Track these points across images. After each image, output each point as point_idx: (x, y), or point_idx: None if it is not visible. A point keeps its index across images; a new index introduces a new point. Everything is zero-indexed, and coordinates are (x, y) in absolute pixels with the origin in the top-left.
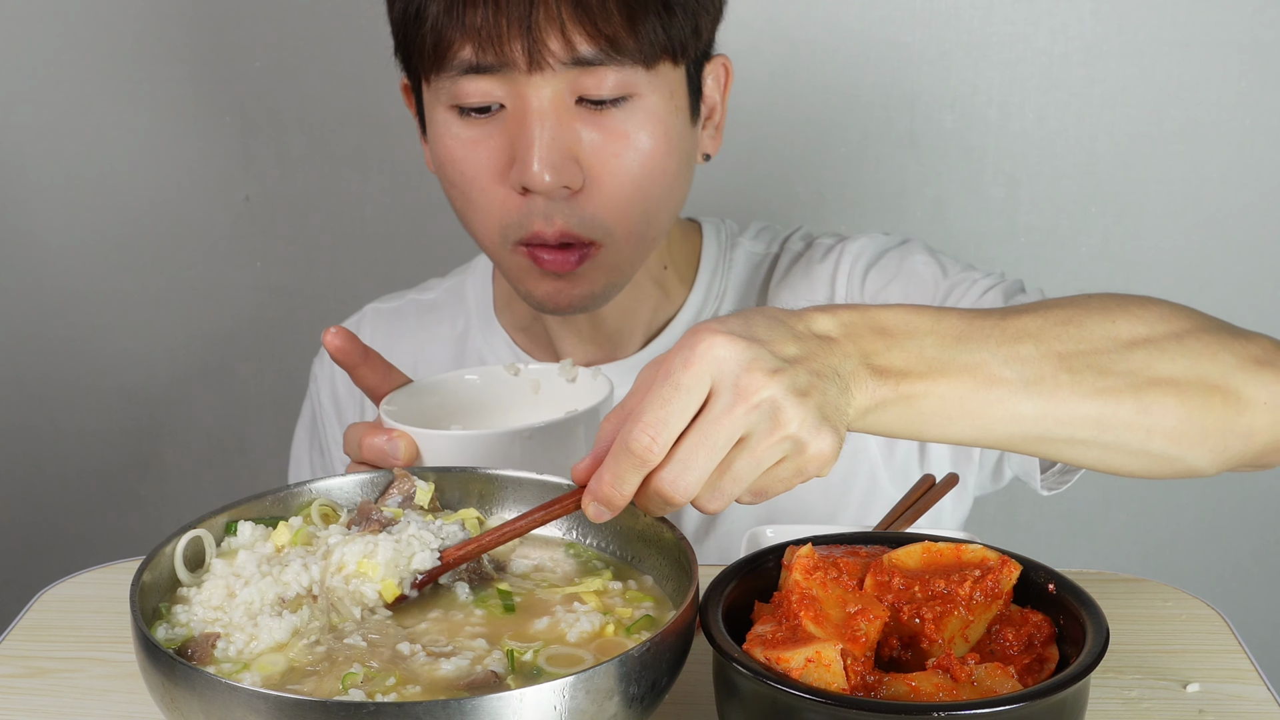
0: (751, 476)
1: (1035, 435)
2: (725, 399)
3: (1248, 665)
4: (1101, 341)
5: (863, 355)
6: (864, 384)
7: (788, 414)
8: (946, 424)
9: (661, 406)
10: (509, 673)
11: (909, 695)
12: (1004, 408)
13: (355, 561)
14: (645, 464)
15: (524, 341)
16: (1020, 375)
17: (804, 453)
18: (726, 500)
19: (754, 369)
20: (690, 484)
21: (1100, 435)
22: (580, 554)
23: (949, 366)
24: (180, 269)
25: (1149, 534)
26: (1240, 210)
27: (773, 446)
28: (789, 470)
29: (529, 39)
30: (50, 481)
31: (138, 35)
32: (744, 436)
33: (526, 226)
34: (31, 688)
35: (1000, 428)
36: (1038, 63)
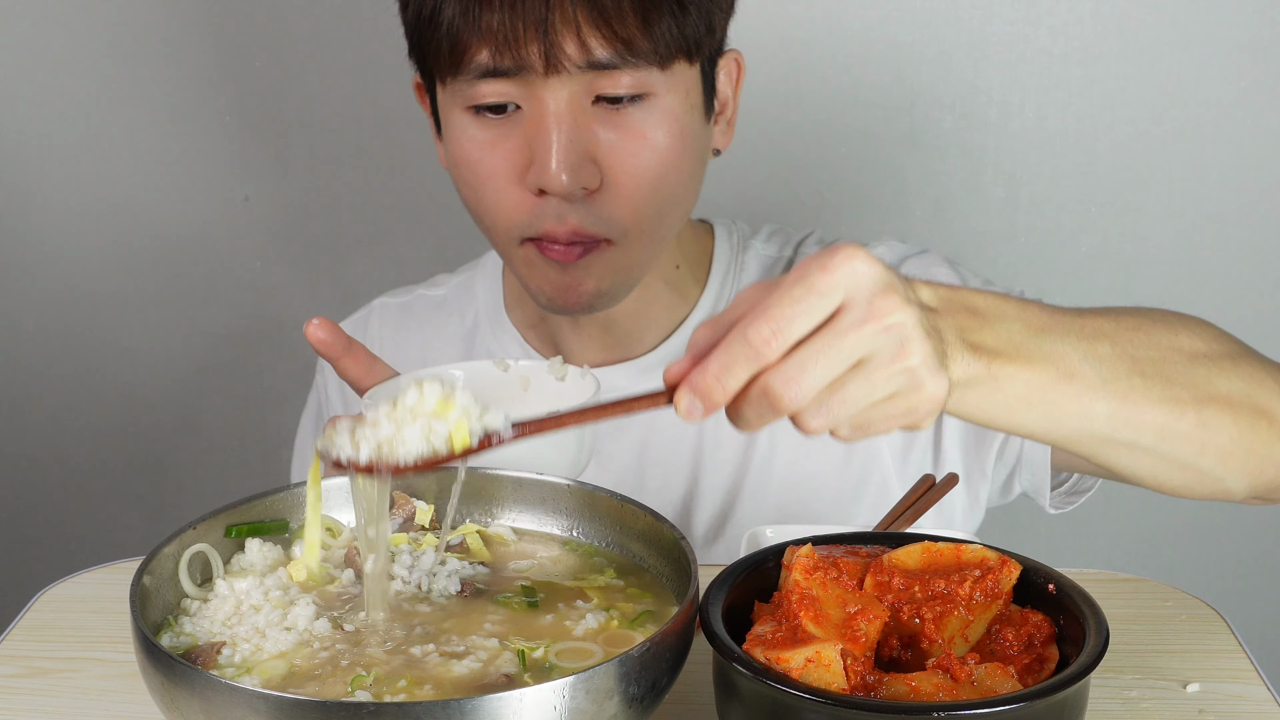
0: (862, 402)
1: (1102, 435)
2: (857, 314)
3: (1248, 665)
4: (1168, 351)
5: (959, 329)
6: (959, 357)
7: (914, 346)
8: (1025, 411)
9: (790, 304)
10: (522, 671)
11: (909, 695)
12: (1080, 403)
13: (434, 401)
14: (760, 358)
15: (534, 339)
16: (1098, 373)
17: (919, 391)
18: (828, 422)
19: (891, 292)
20: (802, 390)
21: (1159, 444)
22: (581, 552)
23: (1034, 354)
24: (180, 269)
25: (1149, 534)
26: (1240, 210)
27: (891, 376)
28: (899, 408)
29: (545, 42)
30: (50, 481)
31: (138, 35)
32: (864, 359)
33: (538, 226)
34: (31, 688)
35: (1073, 422)
36: (1038, 63)
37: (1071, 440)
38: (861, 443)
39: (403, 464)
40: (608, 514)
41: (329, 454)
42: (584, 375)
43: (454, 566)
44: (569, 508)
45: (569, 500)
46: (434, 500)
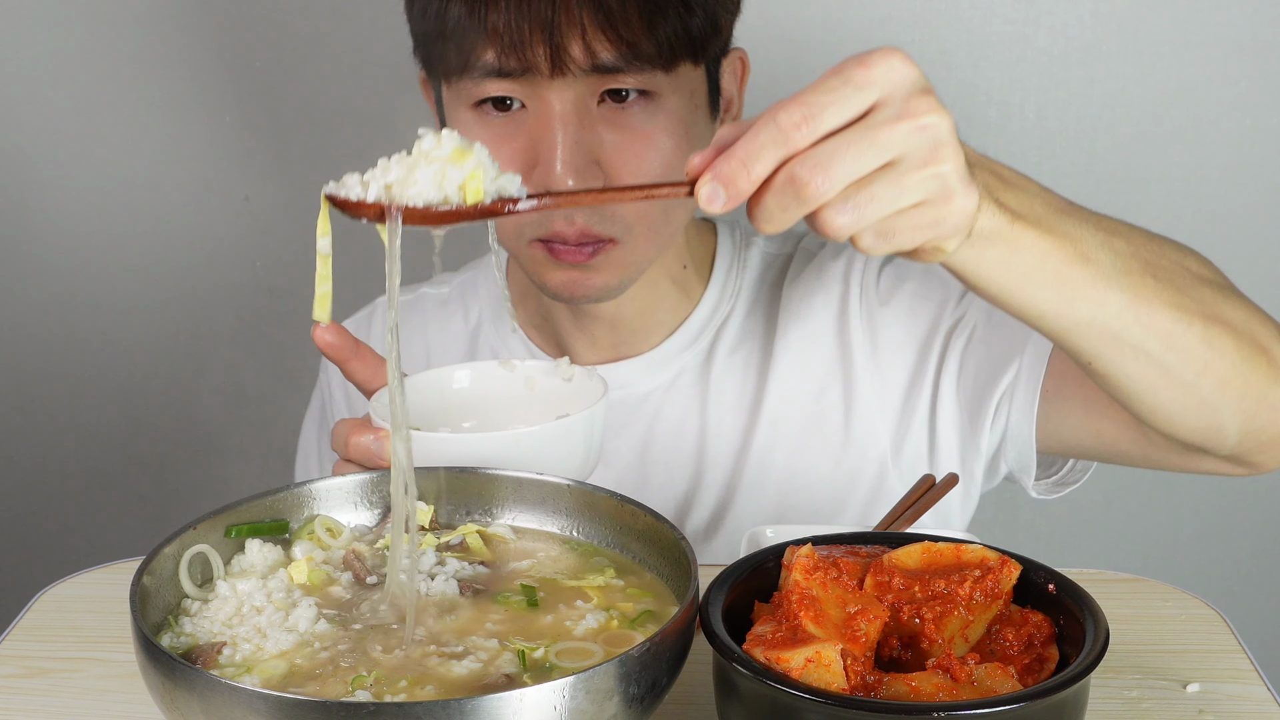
0: (889, 205)
1: (1112, 331)
2: (892, 111)
3: (1248, 665)
4: (1177, 267)
5: (987, 186)
6: (987, 209)
7: (947, 152)
8: (1039, 283)
9: (824, 93)
10: (522, 671)
11: (909, 695)
12: (1094, 289)
13: (451, 148)
14: (788, 142)
15: (538, 338)
16: (1113, 264)
17: (948, 201)
18: (853, 221)
19: (928, 95)
20: (830, 179)
21: (1165, 353)
22: (581, 551)
23: (1054, 228)
24: (180, 269)
25: (1149, 534)
26: (1240, 210)
27: (922, 180)
28: (926, 217)
29: (550, 45)
30: (50, 481)
31: (138, 35)
32: (896, 159)
33: (547, 226)
34: (31, 688)
35: (1085, 308)
36: (1038, 63)
37: (1081, 329)
38: (858, 431)
39: (412, 205)
40: (608, 514)
41: (337, 194)
42: (590, 375)
43: (454, 566)
44: (569, 507)
45: (569, 500)
46: (434, 500)
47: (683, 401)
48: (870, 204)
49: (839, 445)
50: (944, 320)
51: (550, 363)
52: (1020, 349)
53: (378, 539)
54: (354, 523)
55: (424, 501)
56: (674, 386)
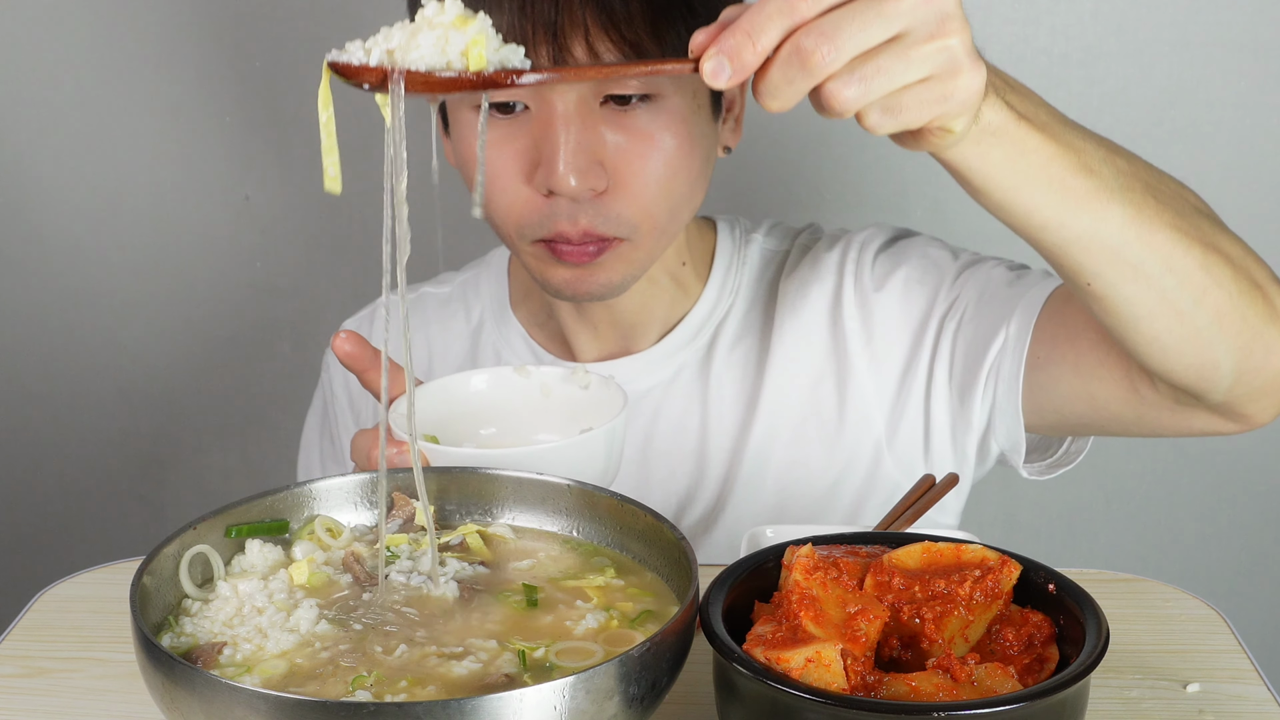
0: (896, 78)
1: (1112, 245)
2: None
3: (1248, 665)
4: (1177, 195)
5: (994, 85)
6: (993, 103)
7: (955, 25)
8: (1042, 188)
9: None
10: (522, 671)
11: (909, 695)
12: (1096, 201)
13: (454, 15)
14: (794, 13)
15: (540, 336)
16: (1116, 180)
17: (954, 77)
18: (859, 94)
19: None
20: (835, 49)
21: (1164, 275)
22: (582, 551)
23: (1059, 136)
24: (180, 269)
25: (1149, 534)
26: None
27: (929, 54)
28: (934, 93)
29: (554, 46)
30: (50, 481)
31: (138, 35)
32: (903, 33)
33: (550, 226)
34: (31, 688)
35: (1086, 220)
36: (1038, 63)
37: (1083, 243)
38: (852, 418)
39: (414, 69)
40: (608, 514)
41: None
42: (608, 384)
43: (454, 567)
44: (569, 507)
45: (569, 500)
46: (433, 501)
47: (683, 398)
48: (877, 76)
49: (834, 433)
50: (938, 305)
51: (566, 369)
52: (1006, 320)
53: (377, 539)
54: (354, 523)
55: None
56: (674, 383)
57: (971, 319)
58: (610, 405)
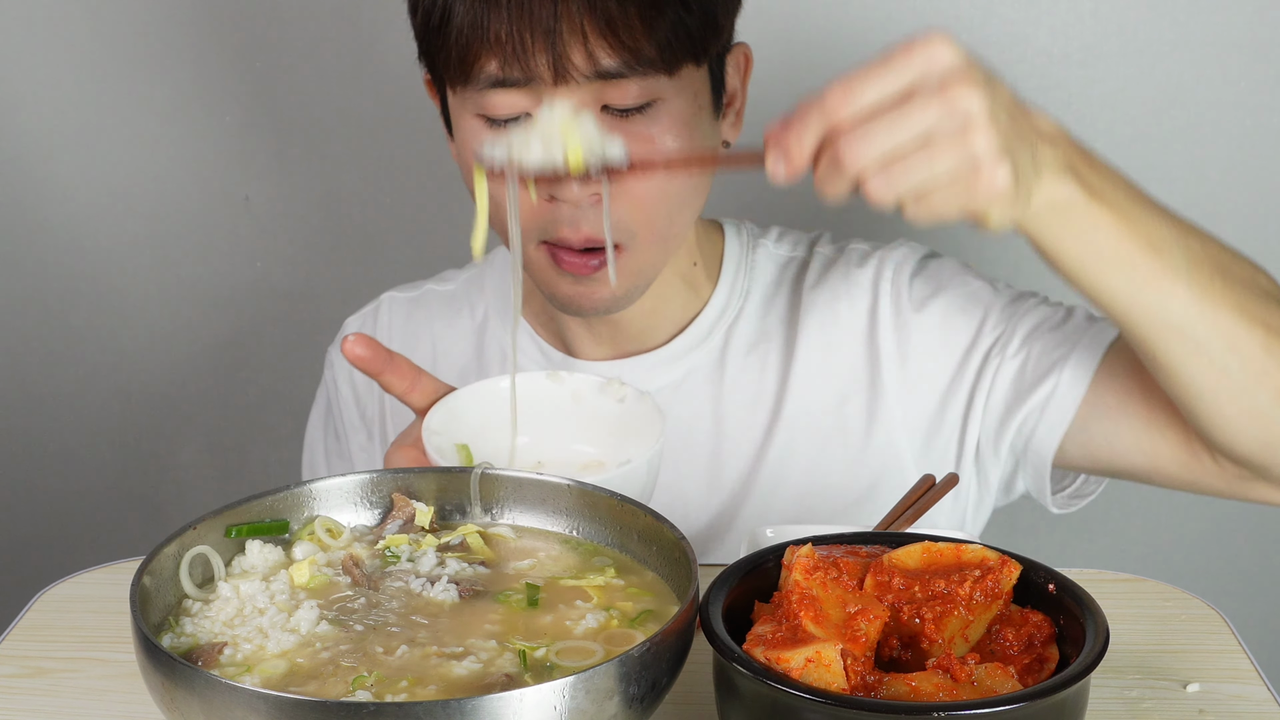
0: (921, 175)
1: (1174, 324)
2: (927, 90)
3: (1248, 665)
4: (1246, 279)
5: (1072, 161)
6: (1064, 179)
7: (977, 129)
8: (1111, 263)
9: (865, 74)
10: (523, 671)
11: (909, 695)
12: (1164, 280)
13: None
14: (828, 115)
15: (545, 334)
16: (1185, 260)
17: (976, 174)
18: (890, 190)
19: (965, 77)
20: (864, 151)
21: (1226, 355)
22: (583, 550)
23: (1130, 214)
24: (180, 269)
25: (1149, 534)
26: (1240, 210)
27: (951, 155)
28: (959, 190)
29: (553, 53)
30: (50, 481)
31: (138, 35)
32: (929, 134)
33: (552, 231)
34: (31, 688)
35: (1152, 297)
36: (1037, 63)
37: (1148, 318)
38: (880, 440)
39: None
40: (608, 514)
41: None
42: (642, 399)
43: (454, 567)
44: (569, 508)
45: (569, 500)
46: (434, 501)
47: (694, 400)
48: (904, 174)
49: (859, 452)
50: (983, 338)
51: (600, 380)
52: (1057, 366)
53: (378, 540)
54: (354, 523)
55: (423, 503)
56: (684, 385)
57: (1016, 356)
58: (648, 423)
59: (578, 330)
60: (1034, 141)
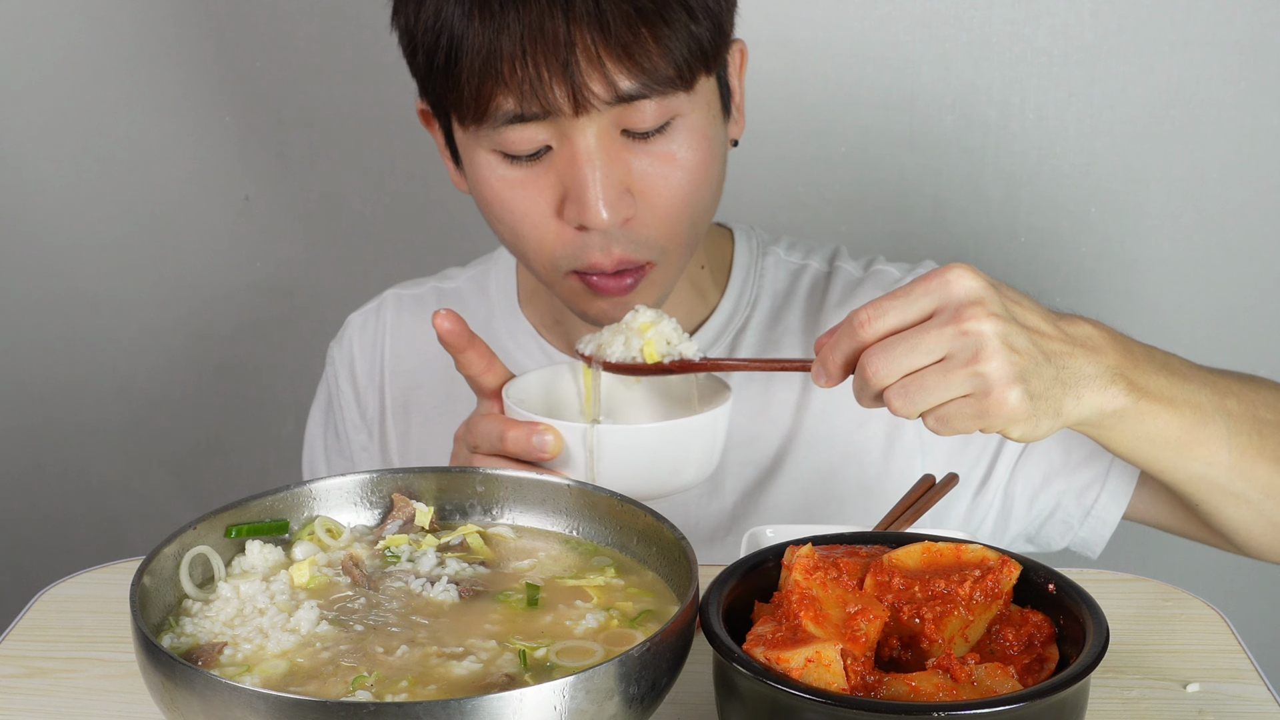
0: (937, 395)
1: (1219, 483)
2: (945, 316)
3: (1248, 665)
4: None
5: (1120, 366)
6: (1111, 389)
7: (989, 354)
8: (1160, 447)
9: (889, 300)
10: (523, 671)
11: (909, 695)
12: (1207, 449)
13: (640, 324)
14: (854, 336)
15: (550, 336)
16: (1226, 426)
17: (987, 397)
18: (912, 406)
19: (979, 305)
20: (883, 369)
21: (1264, 499)
22: (583, 550)
23: (1178, 401)
24: (180, 269)
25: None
26: (1240, 210)
27: (965, 377)
28: (972, 408)
29: (571, 84)
30: (50, 481)
31: (137, 35)
32: (946, 357)
33: (583, 259)
34: (31, 688)
35: (1197, 467)
36: (1038, 63)
37: (1191, 481)
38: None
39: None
40: (608, 514)
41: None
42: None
43: (454, 567)
44: (569, 508)
45: (569, 500)
46: (433, 502)
47: None
48: (920, 392)
49: (875, 476)
50: None
51: None
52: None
53: (378, 540)
54: (354, 523)
55: (423, 503)
56: None
57: None
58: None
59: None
60: (1065, 359)
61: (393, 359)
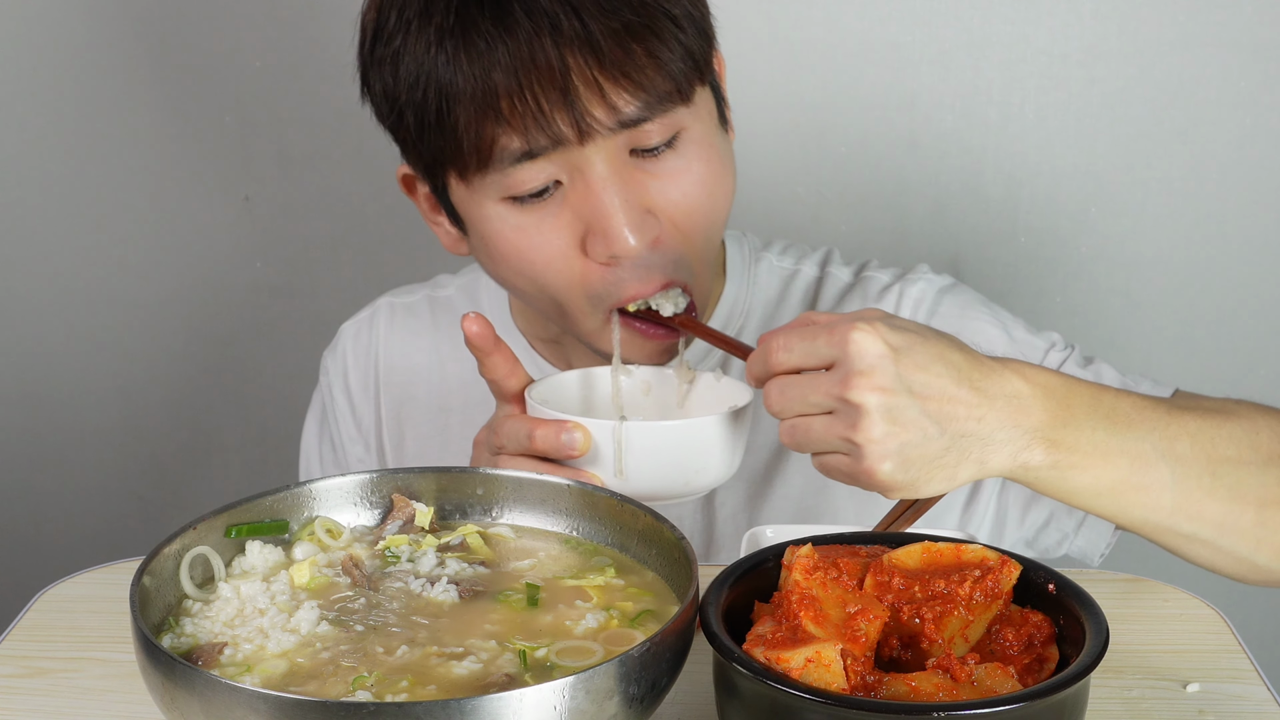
0: (817, 444)
1: (1165, 526)
2: (836, 376)
3: (1248, 665)
4: (1244, 451)
5: (1043, 427)
6: (1027, 452)
7: (865, 424)
8: (1093, 498)
9: (799, 338)
10: (523, 671)
11: (909, 695)
12: (1149, 496)
13: None
14: (766, 361)
15: (542, 349)
16: (1171, 472)
17: (859, 462)
18: (796, 445)
19: (869, 374)
20: (778, 404)
21: (1218, 538)
22: (583, 550)
23: (1113, 452)
24: (180, 269)
25: None
26: (1240, 210)
27: (840, 439)
28: (846, 468)
29: (574, 112)
30: (50, 481)
31: (137, 35)
32: (832, 412)
33: (620, 292)
34: (31, 688)
35: (1138, 513)
36: (1038, 63)
37: (1135, 525)
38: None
39: None
40: (608, 514)
41: None
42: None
43: (454, 567)
44: (569, 508)
45: (569, 500)
46: (433, 502)
47: None
48: (805, 435)
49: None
50: None
51: (666, 370)
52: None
53: (378, 540)
54: (354, 523)
55: (423, 503)
56: None
57: None
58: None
59: (582, 350)
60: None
61: (386, 369)
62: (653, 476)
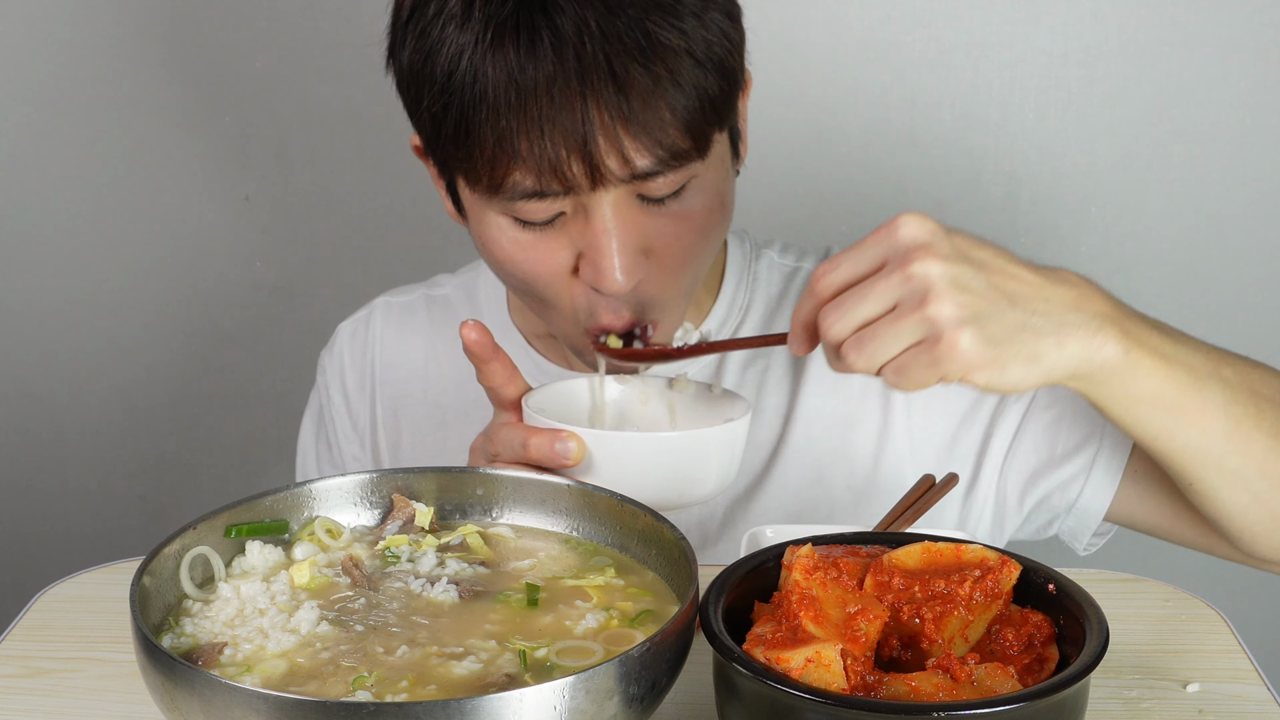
0: (889, 345)
1: (1214, 455)
2: (892, 264)
3: (1248, 665)
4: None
5: (1111, 314)
6: (1099, 337)
7: (935, 296)
8: (1155, 408)
9: (843, 254)
10: (523, 671)
11: (909, 695)
12: (1203, 415)
13: None
14: (814, 295)
15: (540, 346)
16: (1221, 393)
17: (938, 342)
18: (867, 359)
19: (925, 249)
20: (836, 323)
21: (1257, 480)
22: (583, 550)
23: (1172, 359)
24: (180, 269)
25: None
26: (1240, 210)
27: (913, 324)
28: (925, 357)
29: (589, 162)
30: (50, 481)
31: (138, 35)
32: (896, 306)
33: (595, 319)
34: (31, 688)
35: (1193, 434)
36: (1038, 63)
37: (1186, 451)
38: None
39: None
40: (607, 514)
41: None
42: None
43: (454, 567)
44: (569, 508)
45: (569, 500)
46: (433, 502)
47: None
48: (873, 343)
49: (864, 480)
50: None
51: (663, 380)
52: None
53: (378, 540)
54: (354, 523)
55: (423, 504)
56: None
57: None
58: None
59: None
60: (1037, 303)
61: (383, 369)
62: (648, 487)
